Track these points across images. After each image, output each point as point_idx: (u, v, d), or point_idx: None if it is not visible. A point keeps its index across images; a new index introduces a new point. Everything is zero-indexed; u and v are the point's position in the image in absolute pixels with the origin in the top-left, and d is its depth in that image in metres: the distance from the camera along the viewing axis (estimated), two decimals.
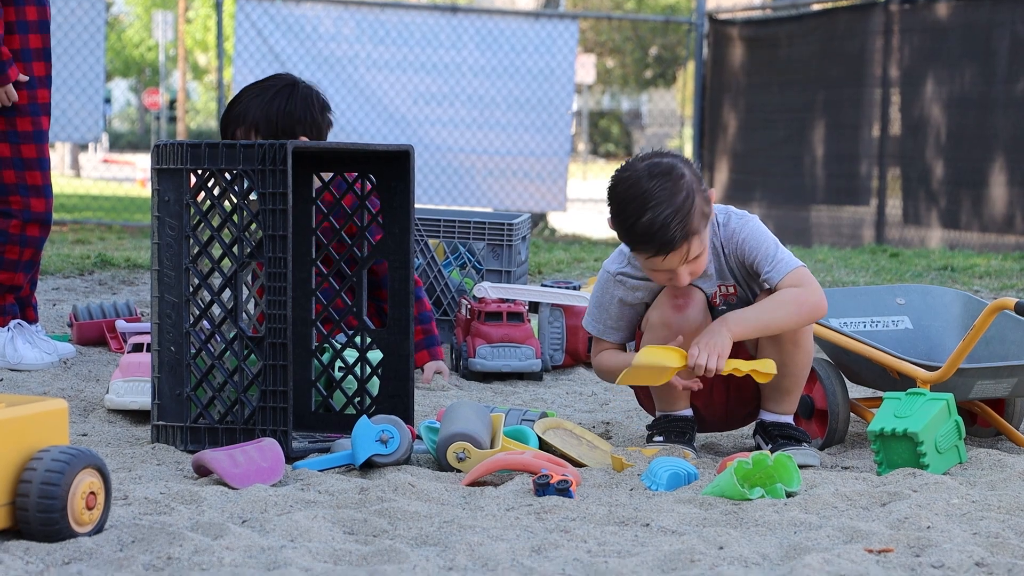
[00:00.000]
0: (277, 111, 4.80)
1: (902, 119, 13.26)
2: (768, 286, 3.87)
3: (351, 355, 4.21)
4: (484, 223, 5.83)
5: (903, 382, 4.00)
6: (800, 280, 3.84)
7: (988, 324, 3.93)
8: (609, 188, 3.80)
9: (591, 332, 4.04)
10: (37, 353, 5.08)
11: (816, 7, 15.48)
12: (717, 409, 4.04)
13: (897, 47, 13.22)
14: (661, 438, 3.97)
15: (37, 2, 5.14)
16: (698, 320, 3.86)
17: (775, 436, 3.95)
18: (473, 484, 3.54)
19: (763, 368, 3.75)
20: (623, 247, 3.94)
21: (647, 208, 3.71)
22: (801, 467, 3.69)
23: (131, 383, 4.29)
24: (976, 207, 12.53)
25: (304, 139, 4.90)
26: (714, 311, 3.93)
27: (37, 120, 5.14)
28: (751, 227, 3.91)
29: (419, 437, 3.89)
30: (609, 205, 3.79)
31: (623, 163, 3.85)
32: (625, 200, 3.75)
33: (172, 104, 41.99)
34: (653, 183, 3.73)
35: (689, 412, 3.99)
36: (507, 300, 5.38)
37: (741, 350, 3.92)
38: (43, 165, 5.15)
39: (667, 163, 3.77)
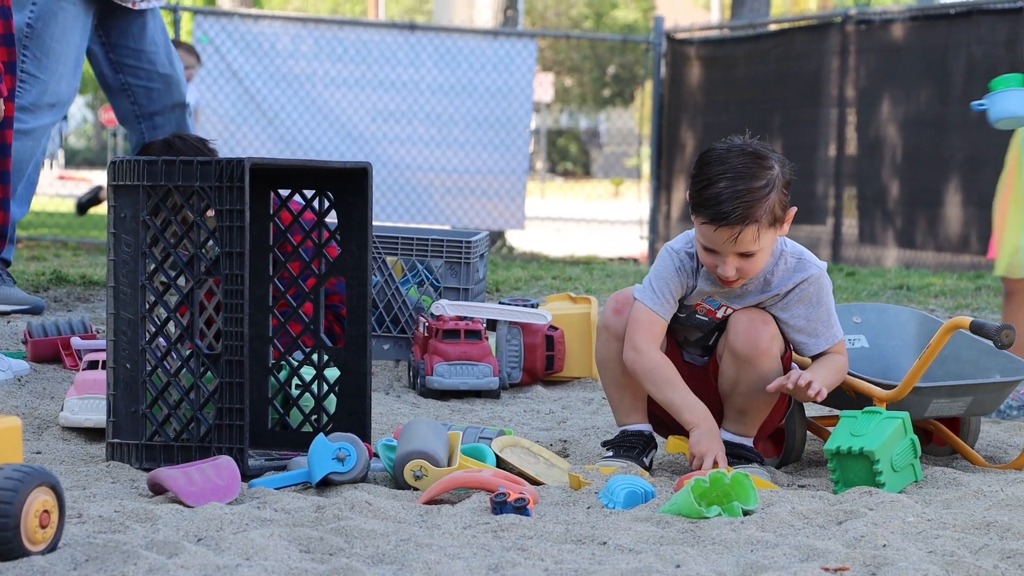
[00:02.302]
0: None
1: (858, 139, 13.34)
2: (814, 343, 3.95)
3: (308, 372, 4.20)
4: (442, 241, 5.83)
5: (859, 400, 4.02)
6: (842, 348, 3.99)
7: (944, 343, 3.95)
8: (701, 153, 3.86)
9: (642, 300, 3.93)
10: None
11: (773, 27, 15.57)
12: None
13: (853, 67, 13.31)
14: (611, 454, 3.97)
15: (2, 15, 5.10)
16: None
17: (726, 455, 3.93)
18: (430, 502, 3.53)
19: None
20: (691, 232, 3.96)
21: (723, 177, 3.76)
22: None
23: (86, 400, 4.26)
24: (932, 227, 12.61)
25: None
26: (713, 324, 3.99)
27: (1, 133, 5.10)
28: (828, 284, 3.98)
29: (376, 455, 3.88)
30: (693, 168, 3.84)
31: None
32: (708, 163, 3.80)
33: None
34: (741, 159, 3.79)
35: (644, 427, 3.99)
36: (465, 318, 5.37)
37: (711, 366, 3.97)
38: (3, 179, 5.11)
39: (764, 151, 3.83)
